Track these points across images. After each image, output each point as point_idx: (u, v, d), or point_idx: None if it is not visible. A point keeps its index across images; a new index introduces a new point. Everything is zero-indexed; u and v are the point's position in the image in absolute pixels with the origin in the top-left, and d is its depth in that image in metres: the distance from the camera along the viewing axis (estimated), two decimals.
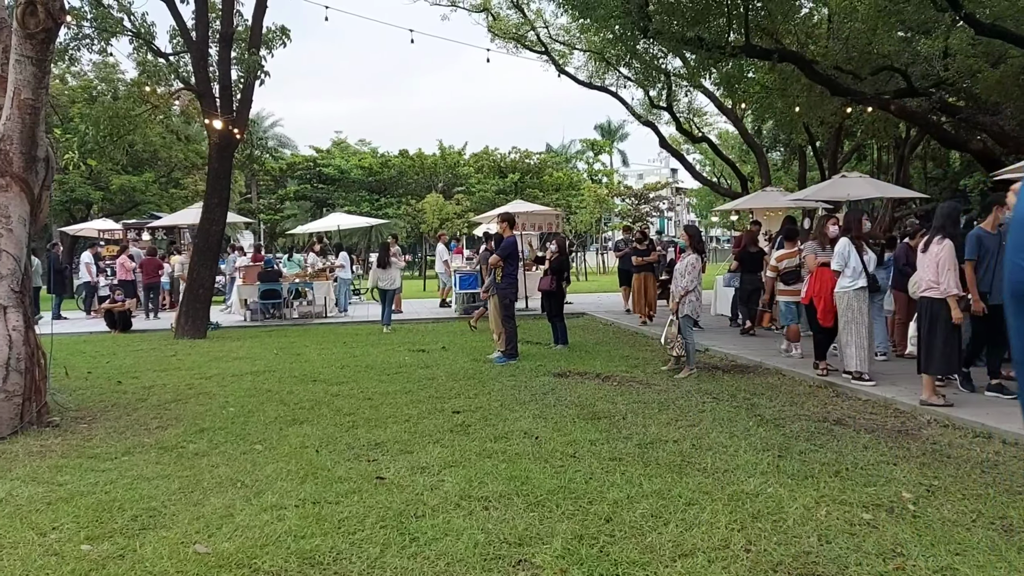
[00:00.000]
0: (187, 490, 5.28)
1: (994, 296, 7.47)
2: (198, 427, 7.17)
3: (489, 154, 46.24)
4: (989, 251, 7.55)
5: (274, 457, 6.08)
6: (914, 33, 19.75)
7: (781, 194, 18.13)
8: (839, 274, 8.50)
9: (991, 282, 7.52)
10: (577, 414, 7.32)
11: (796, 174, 30.99)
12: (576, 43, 23.94)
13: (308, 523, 4.57)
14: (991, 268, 7.53)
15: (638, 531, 4.34)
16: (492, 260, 10.80)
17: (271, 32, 15.25)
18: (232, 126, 14.91)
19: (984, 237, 7.63)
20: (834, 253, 8.62)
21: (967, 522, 4.37)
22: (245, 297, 17.88)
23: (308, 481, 5.41)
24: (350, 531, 4.45)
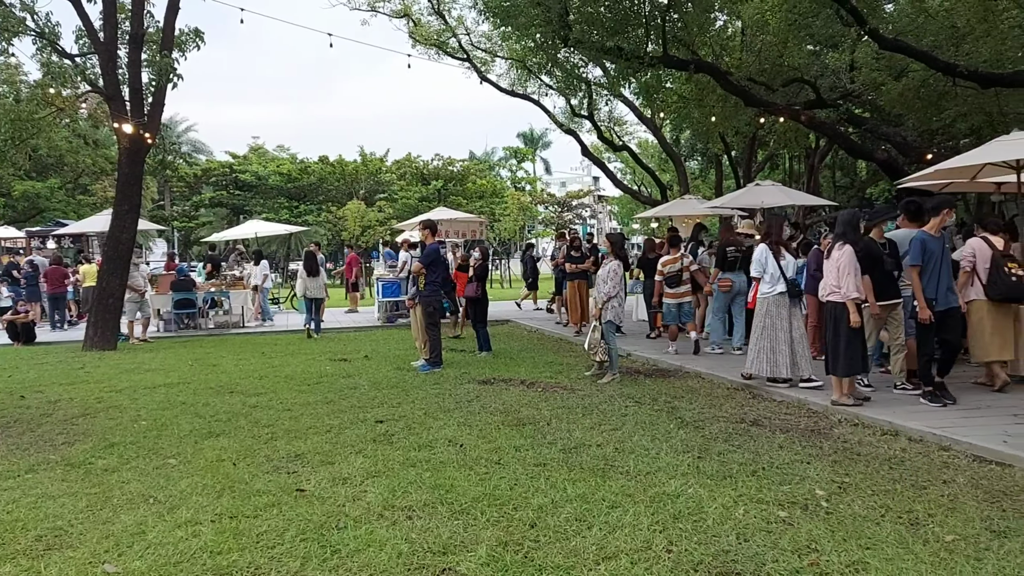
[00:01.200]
0: (95, 508, 5.06)
1: (941, 303, 7.29)
2: (107, 442, 6.87)
3: (412, 161, 45.99)
4: (934, 255, 7.29)
5: (189, 471, 5.88)
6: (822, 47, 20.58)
7: (699, 202, 18.57)
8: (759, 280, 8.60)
9: (937, 288, 7.29)
10: (502, 421, 7.31)
11: (713, 182, 31.88)
12: (498, 50, 24.05)
13: (224, 538, 4.43)
14: (937, 273, 7.28)
15: (562, 535, 4.35)
16: (415, 267, 10.71)
17: (184, 34, 14.79)
18: (143, 130, 14.40)
19: (928, 241, 7.35)
20: (752, 260, 8.70)
21: (876, 517, 4.54)
22: (158, 307, 17.26)
23: (225, 495, 5.25)
24: (269, 545, 4.33)
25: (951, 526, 4.35)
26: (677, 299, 11.28)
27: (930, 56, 15.38)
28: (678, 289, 11.19)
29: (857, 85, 19.09)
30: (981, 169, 9.44)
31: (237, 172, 44.65)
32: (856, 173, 32.67)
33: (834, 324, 7.52)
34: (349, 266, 22.61)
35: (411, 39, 23.77)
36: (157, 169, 37.85)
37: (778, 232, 8.67)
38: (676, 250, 11.42)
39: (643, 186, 41.97)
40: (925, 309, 7.22)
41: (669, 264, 11.27)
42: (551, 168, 67.86)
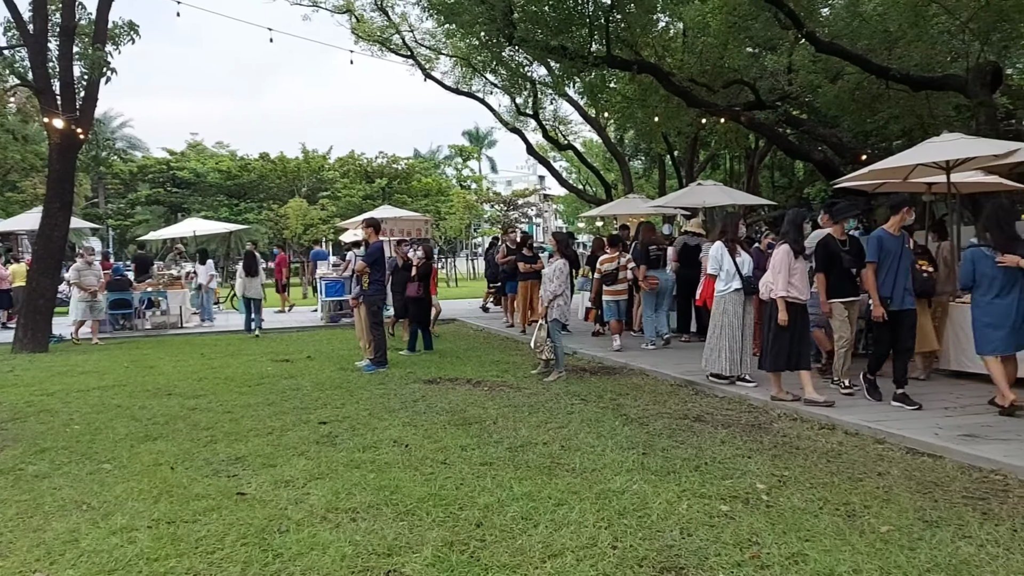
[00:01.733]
0: (26, 515, 4.87)
1: (896, 301, 7.21)
2: (38, 447, 6.62)
3: (355, 159, 45.47)
4: (891, 254, 7.22)
5: (124, 476, 5.70)
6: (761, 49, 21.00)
7: (643, 201, 18.79)
8: (715, 278, 8.58)
9: (893, 286, 7.20)
10: (448, 420, 7.28)
11: (657, 182, 32.28)
12: (442, 48, 23.91)
13: (162, 544, 4.31)
14: (894, 271, 7.19)
15: (509, 534, 4.34)
16: (358, 267, 10.59)
17: (118, 27, 14.33)
18: (75, 125, 13.92)
19: (885, 239, 7.29)
20: (708, 257, 8.73)
21: (815, 509, 4.64)
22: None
23: (162, 500, 5.11)
24: (208, 550, 4.23)
25: (886, 517, 4.47)
26: (615, 296, 11.76)
27: (864, 59, 15.83)
28: (615, 287, 11.69)
29: (795, 87, 19.53)
30: (913, 170, 9.73)
31: (175, 169, 43.52)
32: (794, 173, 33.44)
33: (767, 320, 7.69)
34: (279, 267, 22.31)
35: (354, 35, 23.48)
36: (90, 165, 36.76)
37: (733, 230, 8.69)
38: (614, 249, 11.84)
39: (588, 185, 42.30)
40: (878, 307, 7.17)
41: (607, 263, 11.73)
42: (497, 167, 67.90)
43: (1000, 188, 11.40)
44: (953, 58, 16.69)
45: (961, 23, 14.69)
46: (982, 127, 13.28)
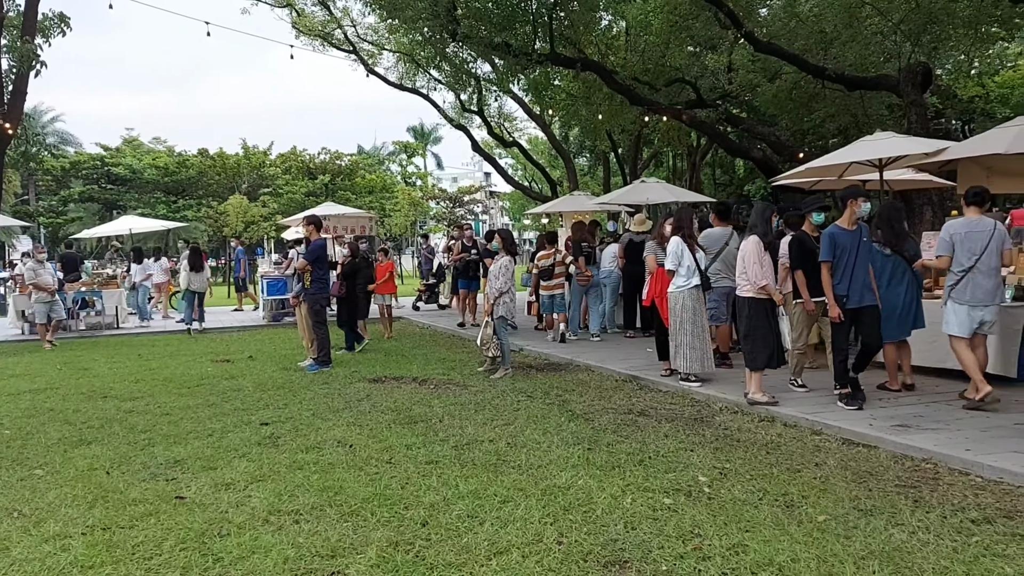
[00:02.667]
0: None
1: (854, 298, 6.92)
2: None
3: (297, 155, 44.82)
4: (846, 250, 6.91)
5: (57, 482, 5.52)
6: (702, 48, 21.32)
7: (588, 198, 18.89)
8: (674, 274, 8.35)
9: (849, 285, 6.91)
10: (393, 419, 7.22)
11: (601, 179, 32.55)
12: (385, 43, 23.69)
13: (97, 551, 4.19)
14: (850, 269, 6.89)
15: (454, 532, 4.32)
16: (299, 264, 10.43)
17: (48, 19, 13.87)
18: (3, 120, 13.43)
19: (839, 235, 6.96)
20: (667, 253, 8.44)
21: (755, 500, 4.73)
22: (22, 308, 16.13)
23: (97, 506, 4.97)
24: (146, 556, 4.13)
25: (823, 506, 4.58)
26: (550, 291, 12.18)
27: (801, 59, 16.19)
28: (550, 282, 12.08)
29: (735, 86, 19.90)
30: (848, 167, 9.99)
31: (109, 165, 42.29)
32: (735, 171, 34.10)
33: (743, 318, 7.53)
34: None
35: (295, 29, 23.11)
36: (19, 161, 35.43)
37: (689, 225, 8.42)
38: (551, 246, 12.31)
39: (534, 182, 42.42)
40: (835, 307, 6.92)
41: (543, 259, 12.13)
42: (442, 163, 67.64)
43: (930, 185, 11.80)
44: (886, 58, 17.19)
45: (893, 24, 15.14)
46: (913, 126, 13.71)
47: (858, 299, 6.94)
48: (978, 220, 6.96)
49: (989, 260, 6.83)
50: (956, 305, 6.97)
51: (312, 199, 37.58)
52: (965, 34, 15.95)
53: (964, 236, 6.90)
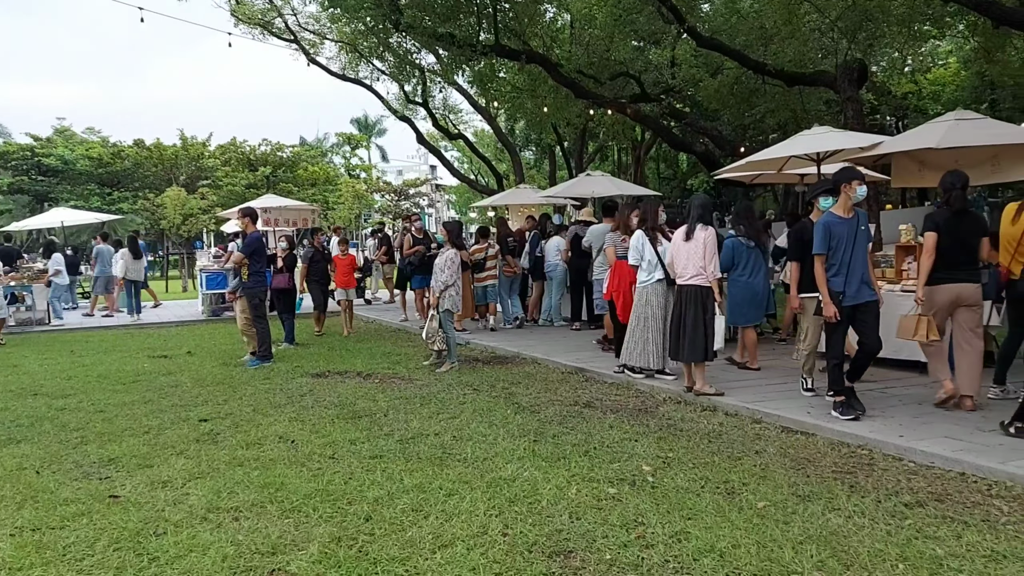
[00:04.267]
0: None
1: (851, 295, 6.21)
2: None
3: (237, 146, 43.80)
4: (842, 241, 6.21)
5: None
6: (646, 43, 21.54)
7: (534, 191, 18.93)
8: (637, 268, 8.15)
9: (846, 280, 6.20)
10: (336, 414, 7.12)
11: (547, 172, 32.66)
12: (327, 33, 23.31)
13: (26, 553, 4.04)
14: (846, 262, 6.20)
15: (398, 527, 4.28)
16: (236, 258, 10.19)
17: None
18: None
19: (834, 224, 6.26)
20: (630, 247, 8.24)
21: (697, 488, 4.79)
22: None
23: (27, 506, 4.80)
24: (77, 558, 4.00)
25: (763, 493, 4.66)
26: (482, 283, 12.78)
27: (742, 55, 16.46)
28: (483, 274, 12.66)
29: (678, 81, 20.14)
30: (787, 161, 10.19)
31: (40, 156, 40.73)
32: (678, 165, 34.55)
33: (696, 308, 7.32)
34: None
35: (233, 17, 22.56)
36: None
37: (653, 218, 8.19)
38: (484, 240, 12.78)
39: (480, 175, 42.36)
40: (830, 305, 6.21)
41: (476, 252, 12.59)
42: (387, 155, 66.87)
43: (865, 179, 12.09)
44: (823, 55, 17.61)
45: (830, 22, 15.49)
46: (850, 121, 14.05)
47: (855, 295, 6.22)
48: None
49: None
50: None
51: (253, 191, 36.79)
52: (899, 32, 16.43)
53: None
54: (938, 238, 6.35)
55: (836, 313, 6.19)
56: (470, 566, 3.76)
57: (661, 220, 8.37)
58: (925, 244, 6.47)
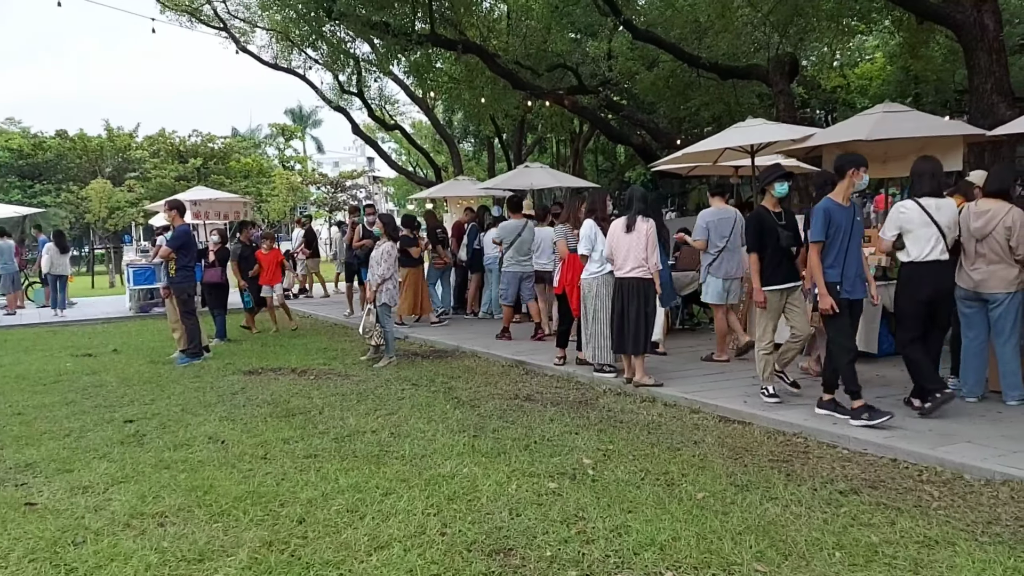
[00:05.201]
0: None
1: (847, 288, 5.84)
2: None
3: (166, 137, 42.51)
4: (841, 229, 5.82)
5: None
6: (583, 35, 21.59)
7: (472, 183, 18.79)
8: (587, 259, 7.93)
9: (842, 272, 5.82)
10: (269, 413, 6.91)
11: (486, 164, 32.53)
12: (258, 21, 22.70)
13: None
14: (844, 251, 5.82)
15: (333, 528, 4.15)
16: (163, 252, 9.83)
17: None
18: None
19: (834, 211, 5.84)
20: (580, 237, 7.95)
21: (637, 480, 4.77)
22: None
23: None
24: None
25: (702, 484, 4.66)
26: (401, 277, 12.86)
27: (677, 48, 16.61)
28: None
29: (615, 73, 20.24)
30: (722, 153, 10.30)
31: None
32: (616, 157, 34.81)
33: (639, 300, 7.29)
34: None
35: (159, 3, 21.79)
36: None
37: (602, 208, 7.98)
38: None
39: (418, 167, 41.95)
40: (826, 296, 5.75)
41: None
42: (323, 147, 65.75)
43: (797, 171, 12.33)
44: (756, 49, 17.89)
45: (762, 16, 15.73)
46: (782, 114, 14.32)
47: (852, 288, 5.87)
48: (724, 209, 8.32)
49: (735, 240, 8.15)
50: (713, 279, 8.29)
51: (183, 183, 35.73)
52: (828, 27, 16.79)
53: (716, 223, 7.92)
54: None
55: (834, 305, 5.74)
56: (407, 568, 3.66)
57: (608, 210, 8.16)
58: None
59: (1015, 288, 5.92)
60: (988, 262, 6.00)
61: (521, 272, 10.68)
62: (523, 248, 10.68)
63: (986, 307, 6.10)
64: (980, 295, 6.08)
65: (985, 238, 5.98)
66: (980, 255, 6.04)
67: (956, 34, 11.56)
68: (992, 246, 5.95)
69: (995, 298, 6.00)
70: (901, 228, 6.02)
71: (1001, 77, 10.57)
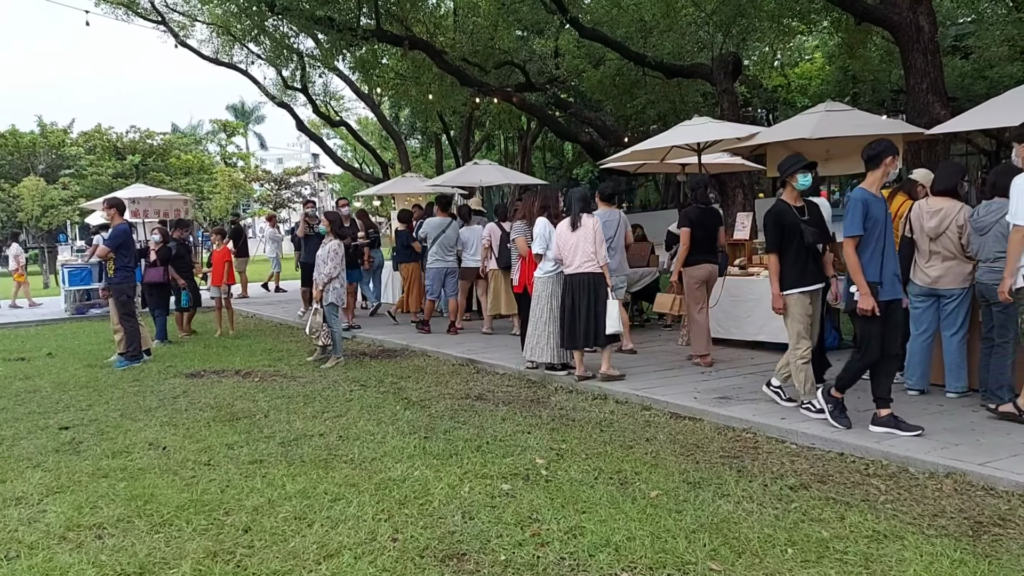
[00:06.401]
0: None
1: (887, 288, 5.29)
2: None
3: (103, 133, 41.25)
4: (879, 223, 5.29)
5: None
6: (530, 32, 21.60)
7: (420, 180, 18.62)
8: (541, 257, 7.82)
9: (881, 267, 5.28)
10: (213, 417, 6.72)
11: (434, 161, 32.34)
12: (198, 14, 22.13)
13: None
14: (882, 246, 5.29)
15: (280, 537, 4.03)
16: (100, 252, 9.49)
17: None
18: None
19: (872, 203, 5.30)
20: (535, 235, 7.87)
21: (591, 480, 4.74)
22: None
23: None
24: None
25: (655, 482, 4.66)
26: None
27: (623, 46, 16.72)
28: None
29: (562, 71, 20.30)
30: (669, 151, 10.36)
31: None
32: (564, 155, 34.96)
33: (590, 295, 7.26)
34: None
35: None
36: None
37: (555, 205, 7.93)
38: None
39: (365, 164, 41.52)
40: (868, 296, 5.19)
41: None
42: (266, 143, 64.67)
43: (742, 169, 12.52)
44: (700, 48, 18.11)
45: (706, 15, 15.92)
46: (726, 112, 14.50)
47: (891, 289, 5.34)
48: (610, 211, 8.53)
49: (620, 241, 8.49)
50: None
51: (121, 180, 34.71)
52: (769, 27, 17.08)
53: (603, 224, 8.00)
54: (692, 230, 7.81)
55: (876, 307, 5.18)
56: None
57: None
58: (682, 236, 7.90)
59: (968, 284, 6.08)
60: (943, 259, 6.13)
61: (445, 268, 10.94)
62: (447, 244, 10.92)
63: (939, 303, 6.23)
64: (935, 291, 6.20)
65: (939, 236, 6.10)
66: (935, 253, 6.17)
67: (893, 35, 11.84)
68: (946, 244, 6.09)
69: (950, 293, 6.13)
70: None
71: (936, 77, 10.87)
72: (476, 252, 10.87)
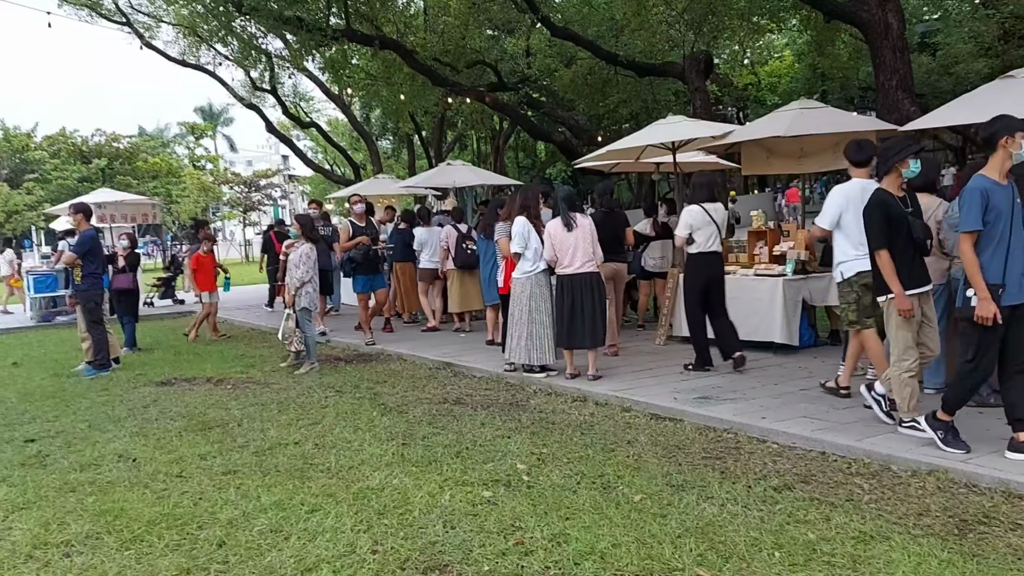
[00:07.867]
0: None
1: (1012, 290, 4.55)
2: None
3: (68, 137, 40.55)
4: (1002, 215, 4.56)
5: None
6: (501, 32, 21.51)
7: (392, 181, 18.47)
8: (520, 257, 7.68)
9: (1005, 268, 4.55)
10: (184, 426, 6.55)
11: (406, 162, 32.13)
12: (164, 15, 21.77)
13: None
14: (1005, 244, 4.56)
15: (256, 551, 3.91)
16: (67, 258, 9.26)
17: None
18: None
19: (993, 191, 4.56)
20: (513, 234, 7.71)
21: (573, 485, 4.67)
22: None
23: None
24: None
25: (638, 485, 4.60)
26: None
27: (595, 45, 16.71)
28: None
29: (534, 70, 20.26)
30: (644, 150, 10.34)
31: None
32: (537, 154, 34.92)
33: (594, 294, 7.29)
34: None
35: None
36: None
37: (535, 205, 7.80)
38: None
39: (336, 165, 41.13)
40: (989, 301, 4.48)
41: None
42: (235, 146, 63.94)
43: (716, 167, 12.53)
44: (671, 47, 18.14)
45: (677, 14, 15.94)
46: (698, 111, 14.53)
47: (1018, 291, 4.58)
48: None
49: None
50: None
51: (87, 185, 34.12)
52: (740, 25, 17.17)
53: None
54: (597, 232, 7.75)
55: (997, 314, 4.47)
56: None
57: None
58: None
59: (945, 280, 6.07)
60: None
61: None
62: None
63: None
64: None
65: None
66: None
67: (862, 32, 11.93)
68: None
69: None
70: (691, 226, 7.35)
71: (905, 74, 10.95)
72: (434, 254, 11.09)
